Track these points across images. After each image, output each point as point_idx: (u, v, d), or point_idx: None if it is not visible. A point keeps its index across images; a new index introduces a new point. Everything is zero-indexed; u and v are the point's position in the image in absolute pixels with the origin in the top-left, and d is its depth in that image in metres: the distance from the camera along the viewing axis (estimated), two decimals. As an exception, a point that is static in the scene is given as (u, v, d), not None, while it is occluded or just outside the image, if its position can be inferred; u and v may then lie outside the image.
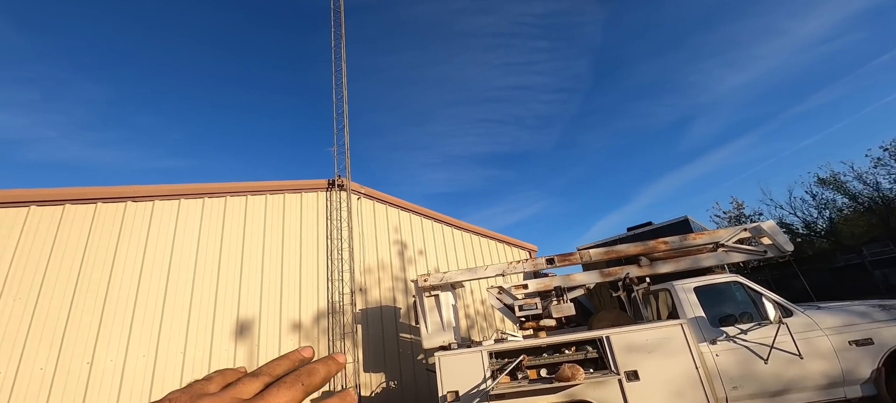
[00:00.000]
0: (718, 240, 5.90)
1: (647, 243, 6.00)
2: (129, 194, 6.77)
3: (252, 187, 8.19)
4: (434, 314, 6.37)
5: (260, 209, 8.19)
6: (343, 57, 9.88)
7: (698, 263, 5.89)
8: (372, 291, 9.03)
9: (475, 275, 6.44)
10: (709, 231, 6.13)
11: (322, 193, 9.24)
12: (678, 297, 5.35)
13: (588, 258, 6.30)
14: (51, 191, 6.20)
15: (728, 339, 4.89)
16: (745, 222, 21.81)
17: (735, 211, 23.16)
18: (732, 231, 5.96)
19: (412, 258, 10.15)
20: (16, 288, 5.59)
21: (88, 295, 6.00)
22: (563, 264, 6.35)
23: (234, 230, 7.70)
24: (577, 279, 6.15)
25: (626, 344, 4.68)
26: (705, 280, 5.40)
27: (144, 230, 6.77)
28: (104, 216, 6.51)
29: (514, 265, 6.35)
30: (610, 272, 6.09)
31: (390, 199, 10.35)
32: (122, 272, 6.35)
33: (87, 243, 6.23)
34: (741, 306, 5.27)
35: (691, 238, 5.96)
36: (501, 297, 6.25)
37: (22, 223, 5.89)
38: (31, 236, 5.90)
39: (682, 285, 5.41)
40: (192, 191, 7.41)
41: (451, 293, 6.58)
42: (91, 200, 6.47)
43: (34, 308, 5.60)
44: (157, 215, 6.99)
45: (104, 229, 6.44)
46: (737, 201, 23.11)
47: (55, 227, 6.10)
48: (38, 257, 5.84)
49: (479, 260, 11.57)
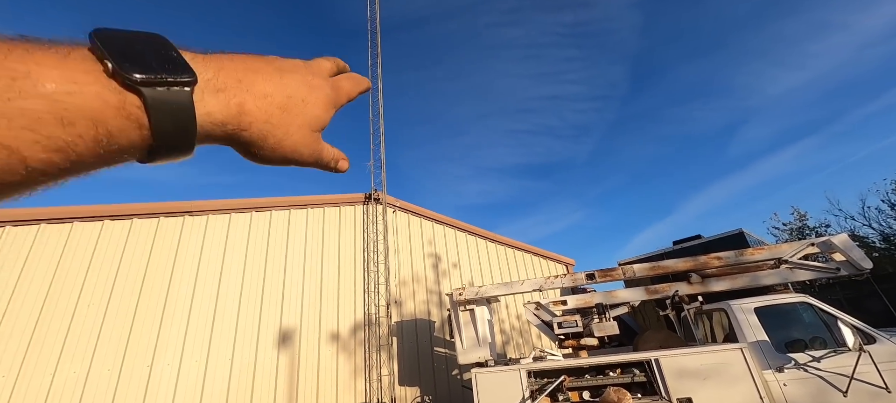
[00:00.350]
0: (781, 256, 5.38)
1: (698, 259, 5.59)
2: (187, 209, 7.33)
3: (295, 201, 8.59)
4: (469, 328, 6.28)
5: (302, 223, 8.56)
6: (379, 76, 10.23)
7: (758, 281, 5.40)
8: (407, 303, 9.09)
9: (511, 290, 6.30)
10: (769, 246, 5.63)
11: (359, 206, 9.51)
12: (736, 318, 4.91)
13: (631, 273, 5.97)
14: (121, 207, 6.85)
15: (797, 367, 4.41)
16: (809, 235, 19.82)
17: (797, 223, 21.07)
18: (797, 246, 5.42)
19: (446, 271, 10.13)
20: (90, 295, 6.18)
21: (150, 303, 6.51)
22: (604, 279, 6.06)
23: (278, 243, 8.09)
24: (619, 296, 5.83)
25: (677, 368, 4.35)
26: (768, 300, 4.93)
27: (199, 243, 7.29)
28: (166, 230, 7.09)
29: (551, 280, 6.15)
30: (656, 290, 5.73)
31: (424, 212, 10.45)
32: (179, 281, 6.85)
33: (150, 255, 6.80)
34: (811, 330, 4.74)
35: (749, 253, 5.48)
36: (539, 313, 6.05)
37: (96, 237, 6.54)
38: (104, 248, 6.52)
39: (741, 305, 4.97)
40: (241, 206, 7.90)
41: (486, 307, 6.47)
42: (154, 214, 7.07)
43: (104, 314, 6.15)
44: (211, 228, 7.50)
45: (165, 242, 7.00)
46: (798, 211, 20.97)
47: (124, 239, 6.71)
48: (109, 267, 6.44)
49: (513, 274, 11.34)
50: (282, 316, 7.51)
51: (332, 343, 7.84)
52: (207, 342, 6.68)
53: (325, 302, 8.10)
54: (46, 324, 5.75)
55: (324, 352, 7.65)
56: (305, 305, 7.86)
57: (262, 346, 7.11)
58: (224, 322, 6.96)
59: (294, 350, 7.36)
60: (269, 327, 7.33)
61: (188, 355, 6.46)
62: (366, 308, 8.44)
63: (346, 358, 7.85)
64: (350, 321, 8.23)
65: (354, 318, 8.31)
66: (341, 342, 7.95)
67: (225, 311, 7.04)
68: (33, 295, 5.82)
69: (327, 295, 8.20)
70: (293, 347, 7.39)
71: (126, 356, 6.06)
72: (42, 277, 5.96)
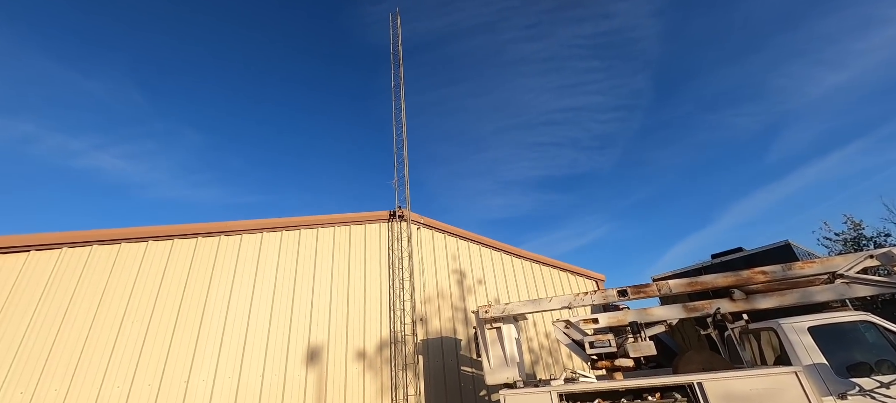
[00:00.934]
0: (835, 269, 4.96)
1: (741, 274, 5.24)
2: (223, 229, 7.68)
3: (322, 220, 8.83)
4: (496, 347, 6.13)
5: (329, 241, 8.76)
6: (402, 96, 10.50)
7: (809, 297, 4.99)
8: (432, 321, 9.01)
9: (539, 307, 6.12)
10: (820, 259, 5.20)
11: (384, 224, 9.64)
12: (788, 338, 4.53)
13: (667, 289, 5.66)
14: (163, 228, 7.26)
15: (863, 393, 3.99)
16: (866, 246, 18.19)
17: (851, 232, 19.35)
18: (853, 259, 4.98)
19: (471, 287, 10.01)
20: (133, 312, 6.52)
21: (188, 321, 6.79)
22: (638, 296, 5.78)
23: (306, 261, 8.29)
24: (655, 314, 5.53)
25: (723, 393, 4.04)
26: (824, 319, 4.53)
27: (234, 262, 7.59)
28: (203, 249, 7.43)
29: (581, 297, 5.93)
30: (695, 307, 5.40)
31: (448, 228, 10.45)
32: (214, 299, 7.12)
33: (188, 273, 7.13)
34: (876, 351, 4.30)
35: (798, 267, 5.09)
36: (569, 332, 5.83)
37: (141, 256, 6.95)
38: (148, 268, 6.91)
39: (793, 323, 4.59)
40: (272, 225, 8.20)
41: (513, 325, 6.31)
42: (193, 235, 7.45)
43: (146, 332, 6.46)
44: (245, 247, 7.80)
45: (203, 261, 7.34)
46: (852, 219, 19.25)
47: (165, 258, 7.09)
48: (152, 285, 6.80)
49: (540, 290, 11.04)
50: (310, 334, 7.63)
51: (359, 361, 7.85)
52: (240, 359, 6.86)
53: (351, 320, 8.17)
54: (94, 341, 6.10)
55: (351, 370, 7.67)
56: (333, 322, 7.95)
57: (292, 363, 7.23)
58: (256, 339, 7.14)
59: (322, 368, 7.43)
60: (298, 344, 7.45)
61: (222, 371, 6.65)
62: (391, 326, 8.44)
63: (372, 376, 7.83)
64: (376, 339, 8.24)
65: (380, 336, 8.31)
66: (368, 360, 7.96)
67: (257, 328, 7.23)
68: (84, 313, 6.21)
69: (354, 313, 8.27)
70: (321, 364, 7.46)
71: (165, 372, 6.31)
72: (93, 295, 6.37)
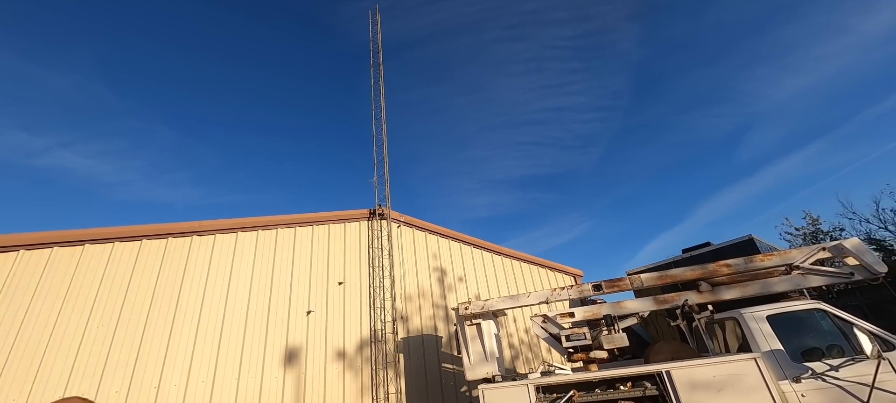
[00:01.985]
0: (792, 262, 5.28)
1: (707, 267, 5.51)
2: (195, 229, 7.43)
3: (300, 219, 8.67)
4: (476, 343, 6.21)
5: (307, 240, 8.62)
6: (382, 93, 10.42)
7: (769, 288, 5.29)
8: (413, 319, 9.02)
9: (518, 303, 6.24)
10: (780, 252, 5.52)
11: (364, 222, 9.56)
12: (748, 327, 4.79)
13: (639, 283, 5.88)
14: (131, 228, 6.96)
15: (815, 376, 4.27)
16: (823, 240, 19.39)
17: (810, 227, 20.60)
18: (808, 251, 5.32)
19: (452, 285, 10.07)
20: (99, 315, 6.23)
21: (158, 324, 6.54)
22: (612, 290, 5.98)
23: (283, 261, 8.13)
24: (628, 307, 5.74)
25: (689, 380, 4.24)
26: (780, 308, 4.82)
27: (206, 262, 7.35)
28: (174, 250, 7.17)
29: (558, 292, 6.08)
30: (665, 299, 5.63)
31: (429, 226, 10.46)
32: (186, 301, 6.89)
33: (158, 275, 6.87)
34: (828, 337, 4.61)
35: (759, 260, 5.39)
36: (546, 326, 5.97)
37: (107, 258, 6.64)
38: (114, 269, 6.61)
39: (753, 313, 4.86)
40: (247, 224, 7.99)
41: (493, 321, 6.40)
42: (163, 235, 7.17)
43: (113, 334, 6.19)
44: (218, 247, 7.57)
45: (174, 262, 7.08)
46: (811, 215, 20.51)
47: (133, 260, 6.80)
48: (118, 288, 6.51)
49: (520, 287, 11.23)
50: (288, 335, 7.49)
51: (339, 361, 7.78)
52: (214, 363, 6.67)
53: (331, 320, 8.08)
54: (56, 346, 5.79)
55: (330, 370, 7.58)
56: (311, 323, 7.83)
57: (268, 365, 7.08)
58: (230, 342, 6.95)
59: (300, 369, 7.31)
60: (275, 345, 7.30)
61: (195, 376, 6.45)
62: (372, 325, 8.39)
63: (352, 376, 7.77)
64: (356, 339, 8.18)
65: (361, 335, 8.25)
66: (348, 359, 7.89)
67: (231, 330, 7.04)
68: (44, 318, 5.89)
69: (333, 313, 8.17)
70: (299, 365, 7.34)
71: (133, 378, 6.06)
72: (53, 299, 6.04)
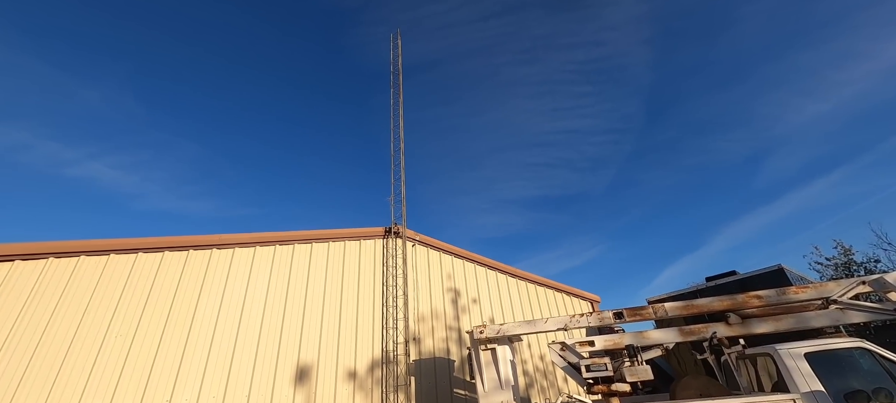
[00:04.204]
0: (828, 295, 4.99)
1: (736, 297, 5.24)
2: (215, 242, 7.56)
3: (317, 235, 8.73)
4: (491, 369, 6.01)
5: (323, 256, 8.65)
6: (400, 114, 10.61)
7: (805, 322, 4.99)
8: (425, 341, 8.84)
9: (534, 328, 6.05)
10: (814, 284, 5.23)
11: (379, 240, 9.56)
12: (785, 364, 4.50)
13: (662, 312, 5.64)
14: (154, 240, 7.13)
15: (861, 423, 3.94)
16: (857, 271, 18.33)
17: (842, 257, 19.51)
18: (846, 284, 5.02)
19: (466, 307, 9.88)
20: (118, 327, 6.32)
21: (174, 337, 6.59)
22: (634, 318, 5.75)
23: (299, 277, 8.15)
24: (651, 337, 5.49)
25: (721, 420, 3.97)
26: (819, 345, 4.51)
27: (224, 276, 7.43)
28: (194, 262, 7.28)
29: (577, 319, 5.88)
30: (691, 331, 5.37)
31: (443, 245, 10.39)
32: (202, 315, 6.94)
33: (177, 288, 6.96)
34: (872, 379, 4.28)
35: (792, 292, 5.11)
36: (565, 354, 5.75)
37: (130, 268, 6.79)
38: (136, 280, 6.74)
39: (790, 349, 4.56)
40: (266, 239, 8.08)
41: (508, 346, 6.21)
42: (184, 247, 7.31)
43: (130, 346, 6.25)
44: (236, 261, 7.66)
45: (193, 275, 7.18)
46: (842, 244, 19.45)
47: (154, 271, 6.93)
48: (138, 300, 6.62)
49: (535, 311, 10.93)
50: (300, 352, 7.43)
51: (349, 382, 7.63)
52: (226, 379, 6.63)
53: (343, 338, 7.99)
54: (75, 355, 5.87)
55: (340, 391, 7.44)
56: (324, 341, 7.76)
57: (280, 383, 7.00)
58: (243, 358, 6.93)
59: (311, 388, 7.20)
60: (287, 363, 7.24)
61: (206, 391, 6.41)
62: (384, 345, 8.26)
63: (362, 398, 7.60)
64: (368, 359, 8.04)
65: (372, 355, 8.12)
66: (358, 380, 7.74)
67: (245, 346, 7.03)
68: (66, 326, 6.00)
69: (345, 331, 8.09)
70: (310, 384, 7.23)
71: (147, 391, 6.07)
72: (76, 308, 6.17)
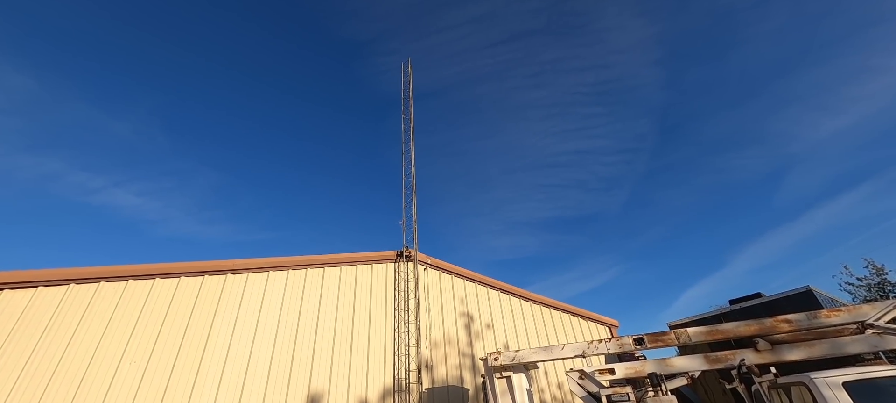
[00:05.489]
0: (864, 318, 4.71)
1: (764, 322, 4.99)
2: (229, 268, 7.65)
3: (329, 259, 8.77)
4: (506, 398, 5.80)
5: (335, 281, 8.64)
6: (412, 138, 10.78)
7: (840, 349, 4.69)
8: (438, 368, 8.62)
9: (551, 355, 5.85)
10: (847, 306, 4.95)
11: (391, 264, 9.53)
12: (822, 395, 4.21)
13: (686, 338, 5.40)
14: (171, 266, 7.26)
15: (912, 460, 3.62)
16: (892, 292, 17.33)
17: (875, 277, 18.49)
18: (882, 307, 4.74)
19: (479, 333, 9.65)
20: (133, 351, 6.36)
21: (187, 362, 6.59)
22: (655, 344, 5.51)
23: (311, 302, 8.14)
24: (675, 365, 5.23)
25: (756, 456, 3.70)
26: (859, 373, 4.23)
27: (238, 302, 7.47)
28: (208, 288, 7.37)
29: (595, 345, 5.67)
30: (718, 358, 5.10)
31: (456, 269, 10.28)
32: (215, 340, 6.95)
33: (191, 313, 7.02)
34: (920, 411, 3.96)
35: (824, 316, 4.84)
36: (584, 383, 5.51)
37: (147, 294, 6.89)
38: (152, 305, 6.83)
39: (826, 378, 4.28)
40: (278, 264, 8.15)
41: (524, 374, 6.00)
42: (199, 273, 7.42)
43: (144, 372, 6.27)
44: (250, 286, 7.72)
45: (207, 300, 7.24)
46: (873, 263, 18.44)
47: (170, 297, 7.02)
48: (154, 324, 6.69)
49: (551, 336, 10.60)
50: (311, 379, 7.32)
51: (361, 410, 7.44)
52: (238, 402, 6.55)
53: (354, 365, 7.86)
54: (91, 381, 5.91)
55: (352, 420, 7.25)
56: (335, 368, 7.65)
57: (290, 411, 6.87)
58: (254, 385, 6.86)
59: (322, 417, 7.04)
60: (298, 390, 7.13)
61: (218, 419, 6.34)
62: (395, 373, 8.08)
63: (374, 428, 7.38)
64: (379, 387, 7.86)
65: (384, 383, 7.94)
66: (370, 409, 7.54)
67: (256, 372, 6.97)
68: (84, 350, 6.07)
69: (357, 357, 7.97)
70: (321, 413, 7.08)
71: (159, 417, 6.03)
72: (95, 333, 6.26)
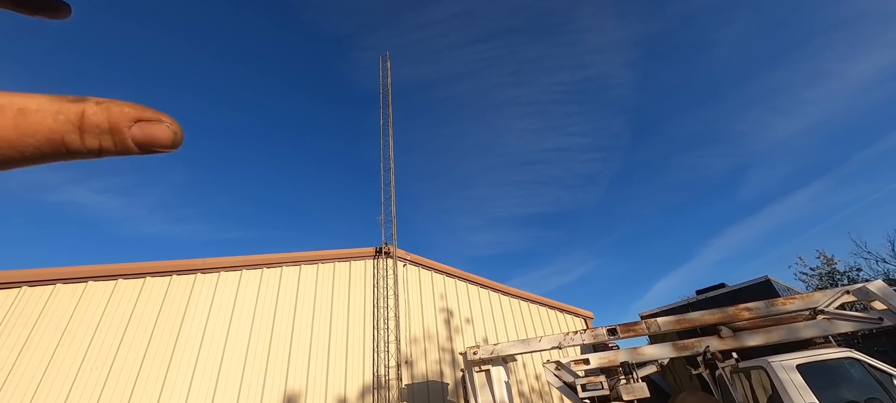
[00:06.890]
0: (815, 305, 5.06)
1: (727, 310, 5.28)
2: (199, 267, 7.34)
3: (305, 256, 8.57)
4: (485, 392, 5.88)
5: (311, 278, 8.46)
6: (390, 134, 10.67)
7: (795, 334, 5.03)
8: (418, 363, 8.63)
9: (529, 348, 5.97)
10: (801, 294, 5.30)
11: (369, 260, 9.43)
12: (778, 377, 4.51)
13: (656, 327, 5.63)
14: (134, 265, 6.89)
15: (856, 434, 3.95)
16: (840, 281, 18.75)
17: (825, 267, 20.00)
18: (831, 294, 5.11)
19: (459, 327, 9.72)
20: (94, 356, 6.02)
21: (154, 366, 6.30)
22: (627, 334, 5.72)
23: (287, 300, 7.94)
24: (646, 354, 5.46)
25: (719, 437, 3.92)
26: (810, 356, 4.55)
27: (209, 302, 7.19)
28: (177, 288, 7.05)
29: (571, 337, 5.83)
30: (685, 346, 5.36)
31: (435, 265, 10.29)
32: (185, 342, 6.67)
33: (158, 315, 6.70)
34: (863, 389, 4.32)
35: (780, 303, 5.17)
36: (560, 374, 5.66)
37: (108, 295, 6.52)
38: (115, 307, 6.47)
39: (782, 361, 4.59)
40: (252, 262, 7.89)
41: (502, 367, 6.10)
42: (166, 272, 7.08)
43: (106, 379, 5.94)
44: (221, 286, 7.44)
45: (175, 301, 6.93)
46: (824, 254, 19.97)
47: (135, 298, 6.67)
48: (117, 327, 6.34)
49: (529, 329, 10.82)
50: (288, 380, 7.16)
51: (340, 409, 7.36)
52: (209, 409, 6.33)
53: (332, 363, 7.75)
54: (47, 389, 5.55)
55: (330, 419, 7.16)
56: (312, 366, 7.51)
57: (266, 412, 6.70)
58: (227, 387, 6.64)
59: (299, 417, 6.91)
60: (274, 391, 6.96)
61: (188, 423, 6.10)
62: (375, 369, 8.03)
63: (353, 426, 7.32)
64: (358, 384, 7.79)
65: (363, 380, 7.87)
66: (349, 407, 7.47)
67: (229, 374, 6.75)
68: (39, 358, 5.70)
69: (335, 355, 7.86)
70: (298, 413, 6.94)
71: (124, 425, 5.74)
72: (50, 338, 5.88)
